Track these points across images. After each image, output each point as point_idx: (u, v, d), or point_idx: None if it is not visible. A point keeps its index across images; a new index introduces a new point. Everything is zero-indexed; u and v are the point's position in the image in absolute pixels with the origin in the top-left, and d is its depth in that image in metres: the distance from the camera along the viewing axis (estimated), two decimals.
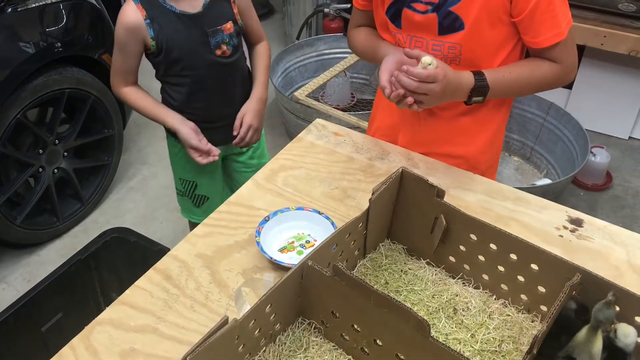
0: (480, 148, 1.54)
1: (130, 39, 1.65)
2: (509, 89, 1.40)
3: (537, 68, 1.39)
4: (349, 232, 1.10)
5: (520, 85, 1.40)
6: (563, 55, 1.37)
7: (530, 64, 1.40)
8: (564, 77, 1.41)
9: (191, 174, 1.95)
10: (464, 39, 1.36)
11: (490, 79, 1.35)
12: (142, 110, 1.77)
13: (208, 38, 1.69)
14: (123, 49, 1.68)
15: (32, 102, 2.31)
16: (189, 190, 1.99)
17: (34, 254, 2.60)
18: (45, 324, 1.79)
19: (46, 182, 2.53)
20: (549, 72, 1.39)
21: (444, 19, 1.35)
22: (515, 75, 1.38)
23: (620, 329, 0.94)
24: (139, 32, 1.64)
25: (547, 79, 1.40)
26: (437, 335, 1.06)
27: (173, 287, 1.16)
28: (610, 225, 1.32)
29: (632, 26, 2.99)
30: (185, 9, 1.66)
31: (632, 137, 3.44)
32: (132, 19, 1.63)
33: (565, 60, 1.38)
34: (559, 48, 1.35)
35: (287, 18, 3.94)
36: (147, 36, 1.64)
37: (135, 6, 1.63)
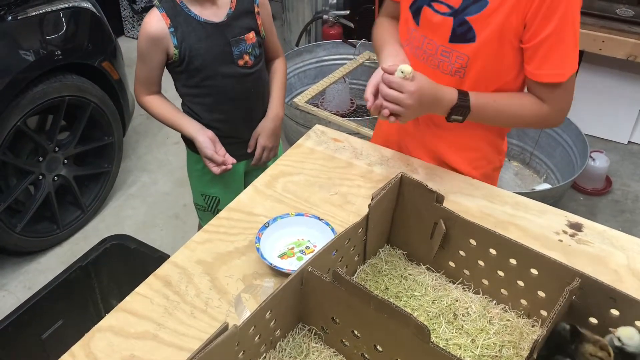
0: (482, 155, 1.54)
1: (153, 49, 1.64)
2: (491, 117, 1.39)
3: (526, 104, 1.37)
4: (348, 238, 1.10)
5: (503, 117, 1.40)
6: (556, 98, 1.35)
7: (521, 98, 1.39)
8: (549, 121, 1.41)
9: (215, 190, 1.92)
10: (472, 52, 1.35)
11: (474, 103, 1.33)
12: (162, 118, 1.76)
13: (231, 47, 1.68)
14: (146, 59, 1.68)
15: (32, 110, 2.32)
16: (211, 206, 1.97)
17: (34, 261, 2.60)
18: (46, 332, 1.79)
19: (46, 189, 2.53)
20: (536, 112, 1.37)
21: (459, 27, 1.34)
22: (501, 106, 1.37)
23: (622, 333, 0.94)
24: (163, 41, 1.63)
25: (532, 118, 1.39)
26: (438, 340, 1.06)
27: (173, 293, 1.16)
28: (610, 229, 1.33)
29: (630, 31, 3.00)
30: (210, 17, 1.65)
31: (631, 141, 3.44)
32: (156, 29, 1.62)
33: (557, 104, 1.36)
34: (555, 90, 1.34)
35: (287, 25, 3.95)
36: (170, 45, 1.64)
37: (160, 14, 1.62)
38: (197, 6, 1.64)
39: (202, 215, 2.04)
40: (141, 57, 1.68)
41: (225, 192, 1.94)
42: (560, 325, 0.97)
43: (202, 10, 1.64)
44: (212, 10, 1.66)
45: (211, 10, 1.66)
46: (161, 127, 3.45)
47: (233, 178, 1.90)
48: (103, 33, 2.63)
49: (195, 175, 1.93)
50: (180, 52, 1.64)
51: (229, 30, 1.67)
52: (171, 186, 3.05)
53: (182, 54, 1.65)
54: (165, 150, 3.30)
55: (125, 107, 2.79)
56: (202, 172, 1.88)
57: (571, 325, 0.97)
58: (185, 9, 1.63)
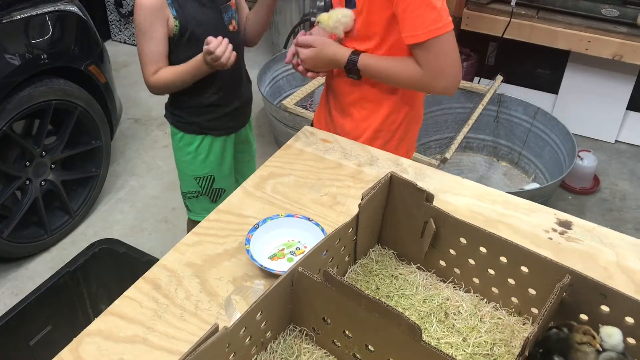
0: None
1: (155, 21, 1.66)
2: (378, 76, 1.54)
3: (405, 66, 1.49)
4: (339, 238, 1.10)
5: (387, 76, 1.53)
6: (424, 60, 1.44)
7: (403, 60, 1.49)
8: (428, 83, 1.47)
9: (208, 169, 1.97)
10: (357, 16, 1.51)
11: (361, 62, 1.51)
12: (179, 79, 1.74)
13: (222, 14, 1.75)
14: (149, 33, 1.67)
15: (18, 114, 2.30)
16: (206, 187, 2.00)
17: (22, 267, 2.57)
18: (34, 338, 1.77)
19: (33, 194, 2.51)
20: (413, 73, 1.47)
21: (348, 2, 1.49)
22: (385, 66, 1.51)
23: (603, 330, 0.95)
24: (163, 11, 1.66)
25: (410, 79, 1.49)
26: (429, 339, 1.06)
27: (162, 296, 1.15)
28: (599, 227, 1.33)
29: (615, 31, 3.03)
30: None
31: (618, 140, 3.47)
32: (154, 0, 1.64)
33: (426, 66, 1.44)
34: (420, 52, 1.43)
35: (274, 27, 3.95)
36: (170, 16, 1.67)
37: None
38: None
39: (195, 203, 2.05)
40: (144, 33, 1.68)
41: (219, 169, 1.98)
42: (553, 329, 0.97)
43: None
44: None
45: None
46: (149, 131, 3.44)
47: (229, 152, 1.97)
48: (90, 37, 2.61)
49: (186, 160, 1.96)
50: (180, 23, 1.68)
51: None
52: (160, 190, 3.04)
53: (182, 24, 1.69)
54: (154, 154, 3.28)
55: (113, 111, 2.77)
56: (194, 153, 1.92)
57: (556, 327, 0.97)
58: None
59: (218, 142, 1.94)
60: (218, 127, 1.91)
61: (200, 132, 1.90)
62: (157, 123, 3.48)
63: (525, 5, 3.20)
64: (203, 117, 1.88)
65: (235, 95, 1.90)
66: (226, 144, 1.96)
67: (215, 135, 1.93)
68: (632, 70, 3.19)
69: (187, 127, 1.89)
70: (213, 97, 1.85)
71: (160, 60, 1.73)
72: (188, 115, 1.88)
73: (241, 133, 2.02)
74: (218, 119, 1.89)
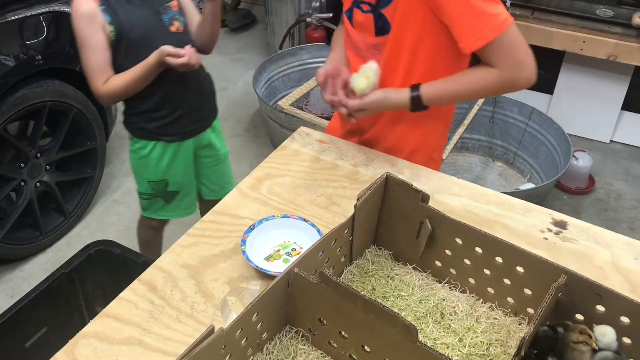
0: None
1: (93, 28, 1.66)
2: (449, 100, 1.48)
3: (477, 76, 1.40)
4: (334, 239, 1.10)
5: (459, 95, 1.44)
6: (499, 58, 1.35)
7: (470, 73, 1.41)
8: (511, 79, 1.38)
9: (160, 174, 1.96)
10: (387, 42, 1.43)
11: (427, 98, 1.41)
12: (129, 83, 1.72)
13: (160, 16, 1.74)
14: (90, 42, 1.67)
15: (12, 116, 2.29)
16: (160, 190, 2.00)
17: (17, 269, 2.56)
18: (29, 340, 1.76)
19: (28, 196, 2.50)
20: (490, 78, 1.38)
21: (378, 21, 1.41)
22: (452, 88, 1.42)
23: (597, 330, 0.95)
24: (97, 18, 1.66)
25: (490, 85, 1.40)
26: (425, 340, 1.06)
27: (158, 298, 1.15)
28: (594, 227, 1.33)
29: (610, 31, 3.04)
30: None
31: (613, 140, 3.48)
32: (87, 7, 1.65)
33: (501, 64, 1.35)
34: (490, 52, 1.34)
35: (270, 28, 3.94)
36: (104, 22, 1.66)
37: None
38: None
39: (149, 204, 2.05)
40: (85, 43, 1.68)
41: (173, 175, 1.97)
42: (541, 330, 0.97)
43: None
44: None
45: None
46: None
47: (184, 158, 1.94)
48: None
49: (139, 164, 1.96)
50: (115, 28, 1.67)
51: (154, 0, 1.74)
52: None
53: (117, 30, 1.68)
54: None
55: (108, 112, 2.76)
56: (146, 158, 1.92)
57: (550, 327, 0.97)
58: None
59: (171, 148, 1.91)
60: (170, 133, 1.89)
61: (152, 138, 1.89)
62: None
63: (520, 6, 3.21)
64: (153, 124, 1.86)
65: (184, 101, 1.86)
66: (180, 150, 1.93)
67: (168, 141, 1.90)
68: (627, 71, 3.20)
69: (139, 133, 1.89)
70: (160, 104, 1.82)
71: (106, 69, 1.71)
72: (139, 121, 1.87)
73: (201, 138, 1.97)
74: (168, 125, 1.86)
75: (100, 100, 1.79)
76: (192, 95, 1.87)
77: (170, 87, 1.80)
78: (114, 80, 1.73)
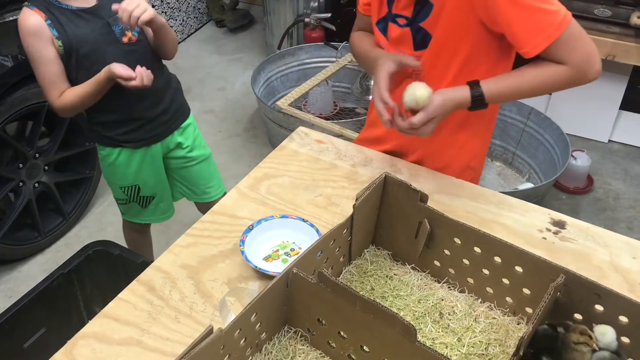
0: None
1: (40, 43, 1.63)
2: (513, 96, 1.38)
3: (544, 72, 1.33)
4: (333, 239, 1.10)
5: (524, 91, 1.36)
6: (567, 54, 1.29)
7: (535, 68, 1.34)
8: (580, 76, 1.33)
9: (130, 180, 1.94)
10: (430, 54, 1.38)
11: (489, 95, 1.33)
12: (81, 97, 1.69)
13: (111, 27, 1.70)
14: (39, 56, 1.65)
15: (11, 116, 2.28)
16: (133, 196, 1.99)
17: (15, 269, 2.56)
18: (28, 340, 1.76)
19: (27, 196, 2.50)
20: (557, 74, 1.32)
21: (417, 34, 1.38)
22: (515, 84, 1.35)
23: (597, 329, 0.95)
24: (44, 33, 1.62)
25: (559, 80, 1.34)
26: (424, 339, 1.06)
27: (157, 298, 1.15)
28: (593, 226, 1.34)
29: (608, 31, 3.04)
30: (81, 4, 1.67)
31: (611, 140, 3.48)
32: (33, 22, 1.61)
33: (570, 59, 1.30)
34: (556, 50, 1.29)
35: (268, 28, 3.94)
36: (52, 37, 1.63)
37: (32, 10, 1.62)
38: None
39: (125, 208, 2.05)
40: (34, 58, 1.65)
41: (144, 178, 1.95)
42: (540, 328, 0.97)
43: (70, 0, 1.66)
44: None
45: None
46: None
47: (152, 163, 1.92)
48: None
49: (108, 170, 1.94)
50: (64, 43, 1.64)
51: (104, 12, 1.69)
52: None
53: (66, 46, 1.64)
54: None
55: None
56: (114, 165, 1.90)
57: (550, 326, 0.97)
58: (55, 2, 1.65)
59: (137, 154, 1.89)
60: (133, 139, 1.86)
61: (116, 145, 1.87)
62: None
63: None
64: (115, 132, 1.84)
65: (144, 109, 1.82)
66: (147, 155, 1.90)
67: (133, 147, 1.87)
68: (625, 70, 3.20)
69: (103, 141, 1.87)
70: (119, 114, 1.80)
71: (59, 82, 1.68)
72: (101, 129, 1.85)
73: (168, 141, 1.93)
74: (131, 133, 1.84)
75: (57, 112, 1.76)
76: (152, 102, 1.82)
77: (127, 98, 1.76)
78: (68, 95, 1.70)
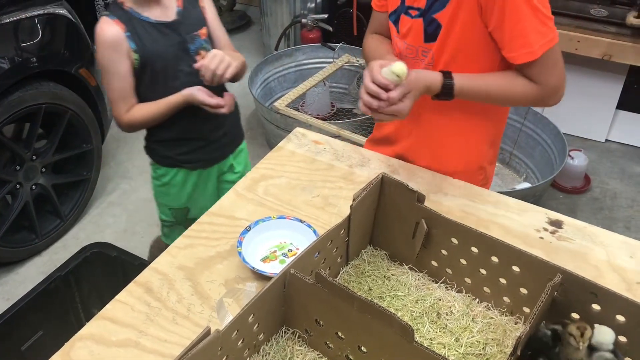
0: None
1: (117, 56, 1.60)
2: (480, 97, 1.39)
3: (514, 82, 1.35)
4: (331, 240, 1.10)
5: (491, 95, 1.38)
6: (540, 76, 1.33)
7: (507, 76, 1.37)
8: (543, 99, 1.37)
9: (182, 201, 1.91)
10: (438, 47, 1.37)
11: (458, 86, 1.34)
12: (152, 115, 1.68)
13: (187, 45, 1.67)
14: (112, 69, 1.62)
15: (8, 118, 2.28)
16: (180, 218, 1.96)
17: (13, 272, 2.56)
18: (25, 343, 1.75)
19: (24, 198, 2.49)
20: (525, 90, 1.35)
21: (429, 26, 1.36)
22: (485, 84, 1.36)
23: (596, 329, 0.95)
24: (122, 45, 1.59)
25: (522, 96, 1.37)
26: (422, 340, 1.06)
27: (154, 300, 1.14)
28: (590, 226, 1.34)
29: (604, 31, 3.04)
30: (160, 18, 1.64)
31: (608, 139, 3.49)
32: (113, 34, 1.59)
33: (543, 81, 1.33)
34: (534, 68, 1.32)
35: (265, 29, 3.94)
36: (129, 50, 1.60)
37: (112, 21, 1.59)
38: (145, 9, 1.63)
39: (170, 231, 2.02)
40: (108, 70, 1.63)
41: (195, 202, 1.93)
42: (541, 331, 0.97)
43: (151, 12, 1.64)
44: (161, 10, 1.65)
45: (159, 11, 1.65)
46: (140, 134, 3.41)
47: (205, 185, 1.90)
48: (79, 39, 2.60)
49: (160, 190, 1.91)
50: (140, 56, 1.62)
51: (182, 28, 1.66)
52: (151, 193, 3.01)
53: (142, 58, 1.62)
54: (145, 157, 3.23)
55: (104, 114, 2.76)
56: (168, 185, 1.87)
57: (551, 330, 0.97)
58: (135, 14, 1.62)
59: (193, 176, 1.86)
60: (193, 160, 1.84)
61: (174, 165, 1.84)
62: None
63: None
64: (175, 151, 1.81)
65: (207, 131, 1.80)
66: (202, 177, 1.88)
67: (191, 168, 1.85)
68: (622, 70, 3.21)
69: (161, 160, 1.84)
70: (182, 134, 1.77)
71: (129, 97, 1.66)
72: (161, 148, 1.83)
73: (222, 164, 1.91)
74: (191, 153, 1.81)
75: (120, 127, 1.73)
76: (216, 124, 1.80)
77: (193, 118, 1.73)
78: (138, 111, 1.68)
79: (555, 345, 0.96)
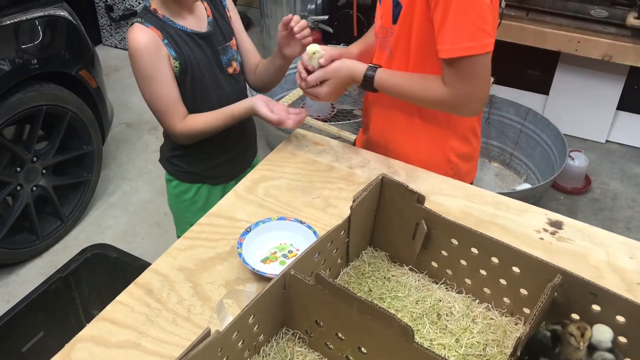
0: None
1: (158, 60, 1.50)
2: (397, 93, 1.41)
3: (429, 85, 1.34)
4: (331, 241, 1.10)
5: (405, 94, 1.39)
6: (451, 79, 1.29)
7: (426, 79, 1.36)
8: (454, 106, 1.34)
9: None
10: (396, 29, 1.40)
11: (378, 79, 1.40)
12: (212, 127, 1.59)
13: (219, 56, 1.62)
14: (158, 76, 1.51)
15: (8, 120, 2.28)
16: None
17: (13, 273, 2.56)
18: (26, 344, 1.75)
19: (25, 200, 2.49)
20: (436, 93, 1.33)
21: (395, 8, 1.39)
22: (404, 83, 1.38)
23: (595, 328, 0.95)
24: (162, 50, 1.50)
25: (433, 99, 1.35)
26: (422, 341, 1.06)
27: (155, 301, 1.14)
28: (590, 226, 1.34)
29: (604, 31, 3.04)
30: (195, 28, 1.58)
31: (608, 140, 3.49)
32: (152, 39, 1.49)
33: (453, 86, 1.29)
34: (447, 69, 1.29)
35: (266, 31, 3.95)
36: (170, 56, 1.52)
37: (147, 28, 1.50)
38: (180, 18, 1.56)
39: None
40: (153, 78, 1.51)
41: None
42: (540, 332, 0.97)
43: (185, 22, 1.57)
44: (194, 20, 1.59)
45: (193, 20, 1.59)
46: (140, 135, 3.43)
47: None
48: (80, 41, 2.60)
49: (182, 207, 1.82)
50: (180, 64, 1.53)
51: (215, 39, 1.61)
52: (152, 194, 3.03)
53: (182, 66, 1.54)
54: (146, 158, 3.27)
55: (104, 116, 2.76)
56: (191, 201, 1.79)
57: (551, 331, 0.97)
58: (170, 22, 1.54)
59: (217, 190, 1.79)
60: (216, 175, 1.77)
61: (197, 181, 1.76)
62: (148, 127, 3.47)
63: (514, 7, 3.22)
64: (201, 167, 1.74)
65: (236, 143, 1.75)
66: (225, 191, 1.74)
67: (214, 183, 1.78)
68: (622, 71, 3.21)
69: (185, 176, 1.75)
70: (215, 148, 1.70)
71: (180, 105, 1.55)
72: (187, 164, 1.74)
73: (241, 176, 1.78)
74: (216, 168, 1.74)
75: (175, 138, 1.63)
76: (243, 136, 1.76)
77: (229, 134, 1.66)
78: (197, 121, 1.58)
79: (555, 346, 0.96)
